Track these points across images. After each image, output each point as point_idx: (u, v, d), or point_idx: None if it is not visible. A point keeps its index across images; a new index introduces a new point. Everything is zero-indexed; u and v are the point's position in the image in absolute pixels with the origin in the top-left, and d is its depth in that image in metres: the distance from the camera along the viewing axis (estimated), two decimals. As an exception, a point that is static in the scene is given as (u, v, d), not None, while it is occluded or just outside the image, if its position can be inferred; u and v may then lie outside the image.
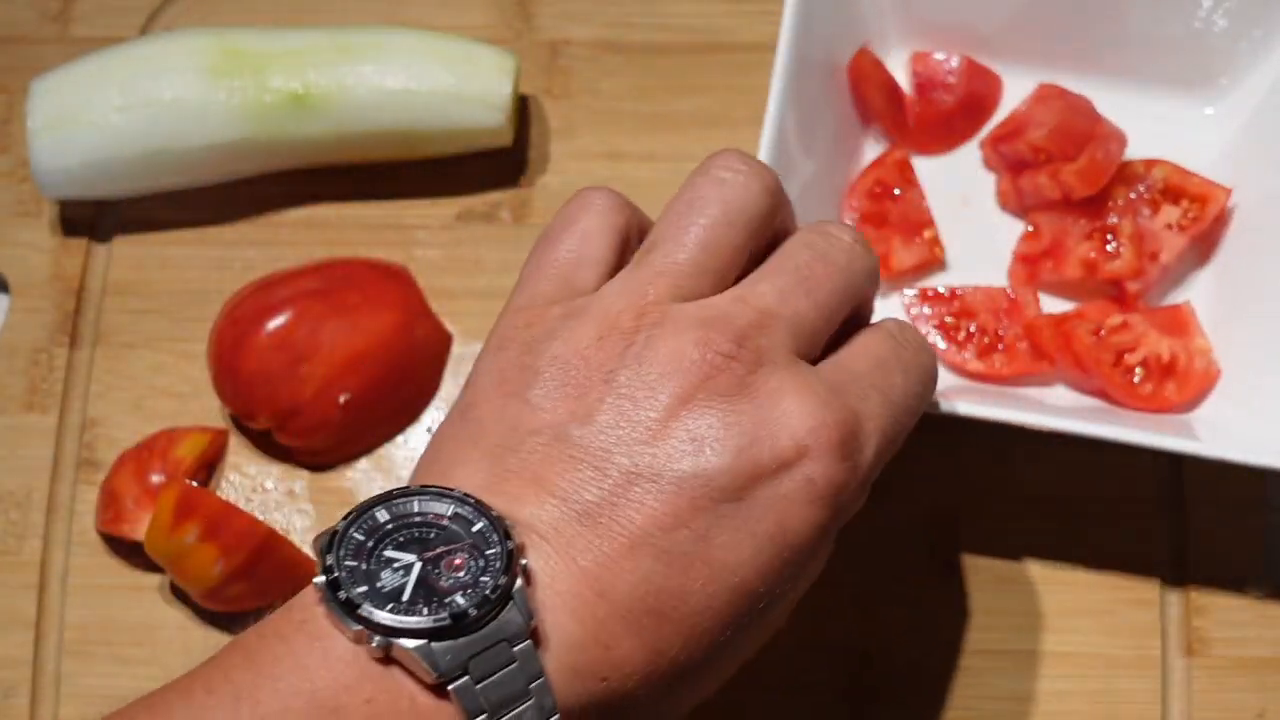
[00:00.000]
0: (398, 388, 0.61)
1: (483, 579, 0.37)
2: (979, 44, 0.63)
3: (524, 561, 0.38)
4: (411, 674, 0.36)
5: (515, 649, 0.37)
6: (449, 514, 0.39)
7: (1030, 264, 0.60)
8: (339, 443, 0.60)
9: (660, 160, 0.66)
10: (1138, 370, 0.56)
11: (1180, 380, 0.57)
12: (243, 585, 0.56)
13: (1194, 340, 0.58)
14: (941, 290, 0.59)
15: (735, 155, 0.46)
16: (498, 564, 0.37)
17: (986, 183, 0.63)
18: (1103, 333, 0.57)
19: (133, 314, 0.64)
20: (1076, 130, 0.60)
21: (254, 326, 0.59)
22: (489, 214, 0.65)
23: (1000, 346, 0.58)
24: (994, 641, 0.57)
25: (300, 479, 0.60)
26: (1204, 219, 0.59)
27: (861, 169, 0.62)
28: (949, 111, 0.63)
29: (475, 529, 0.38)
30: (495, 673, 0.36)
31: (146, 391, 0.62)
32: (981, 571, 0.58)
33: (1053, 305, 0.60)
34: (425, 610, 0.37)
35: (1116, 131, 0.60)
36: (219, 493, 0.60)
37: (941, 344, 0.58)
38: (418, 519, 0.39)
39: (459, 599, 0.37)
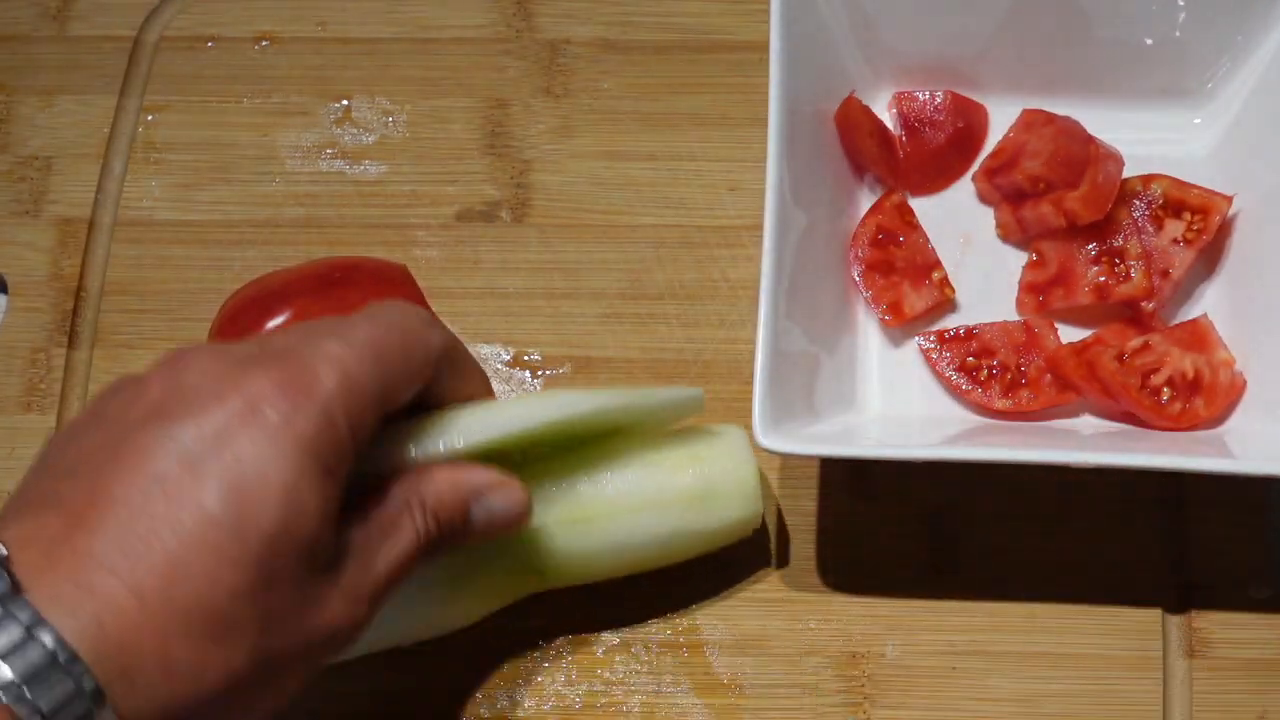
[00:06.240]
0: (397, 388, 0.60)
1: None
2: (959, 77, 0.63)
3: None
4: None
5: None
6: None
7: (1037, 292, 0.60)
8: (338, 443, 0.60)
9: (660, 159, 0.65)
10: (1165, 390, 0.56)
11: (1208, 395, 0.56)
12: None
13: (1216, 353, 0.57)
14: (959, 331, 0.59)
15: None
16: None
17: (985, 216, 0.62)
18: (1125, 356, 0.56)
19: (131, 314, 0.63)
20: (1072, 155, 0.59)
21: (254, 326, 0.58)
22: (488, 213, 0.65)
23: (1024, 381, 0.58)
24: (993, 642, 0.56)
25: (299, 479, 0.60)
26: (1208, 230, 0.58)
27: (859, 216, 0.61)
28: (939, 148, 0.62)
29: None
30: None
31: (145, 391, 0.62)
32: (980, 571, 0.57)
33: (1065, 333, 0.60)
34: None
35: (1112, 152, 0.60)
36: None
37: (966, 385, 0.58)
38: None
39: None
